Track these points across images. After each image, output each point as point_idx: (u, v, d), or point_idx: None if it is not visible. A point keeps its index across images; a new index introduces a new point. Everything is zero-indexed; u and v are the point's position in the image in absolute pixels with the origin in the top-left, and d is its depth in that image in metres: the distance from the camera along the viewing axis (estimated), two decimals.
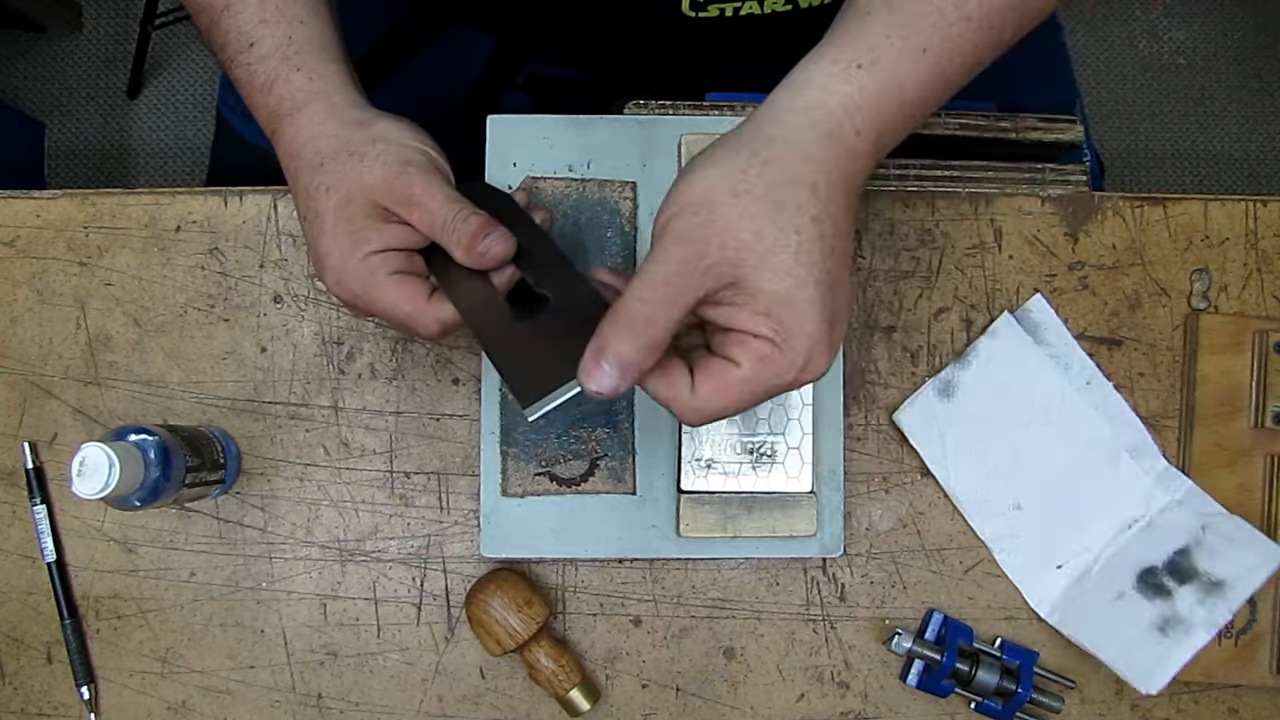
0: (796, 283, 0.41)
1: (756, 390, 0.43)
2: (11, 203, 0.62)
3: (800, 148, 0.42)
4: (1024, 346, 0.61)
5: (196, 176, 1.56)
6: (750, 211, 0.41)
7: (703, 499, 0.59)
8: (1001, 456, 0.61)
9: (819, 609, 0.62)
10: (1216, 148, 1.63)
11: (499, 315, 0.48)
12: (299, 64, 0.50)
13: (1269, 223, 0.63)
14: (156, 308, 0.61)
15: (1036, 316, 0.62)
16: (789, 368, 0.42)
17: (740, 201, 0.41)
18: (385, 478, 0.61)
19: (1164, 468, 0.61)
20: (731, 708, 0.61)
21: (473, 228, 0.49)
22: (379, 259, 0.48)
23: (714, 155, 0.43)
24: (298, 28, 0.50)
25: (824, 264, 0.41)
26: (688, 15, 0.61)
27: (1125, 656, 0.59)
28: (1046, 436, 0.61)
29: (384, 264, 0.48)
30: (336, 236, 0.48)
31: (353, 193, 0.48)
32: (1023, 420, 0.61)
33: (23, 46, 1.57)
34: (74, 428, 0.61)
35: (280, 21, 0.50)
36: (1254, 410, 0.61)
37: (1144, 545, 0.61)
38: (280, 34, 0.50)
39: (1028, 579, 0.61)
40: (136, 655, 0.61)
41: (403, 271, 0.49)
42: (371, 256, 0.48)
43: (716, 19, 0.61)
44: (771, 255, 0.41)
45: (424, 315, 0.49)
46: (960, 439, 0.61)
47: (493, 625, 0.57)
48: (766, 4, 0.60)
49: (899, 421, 0.61)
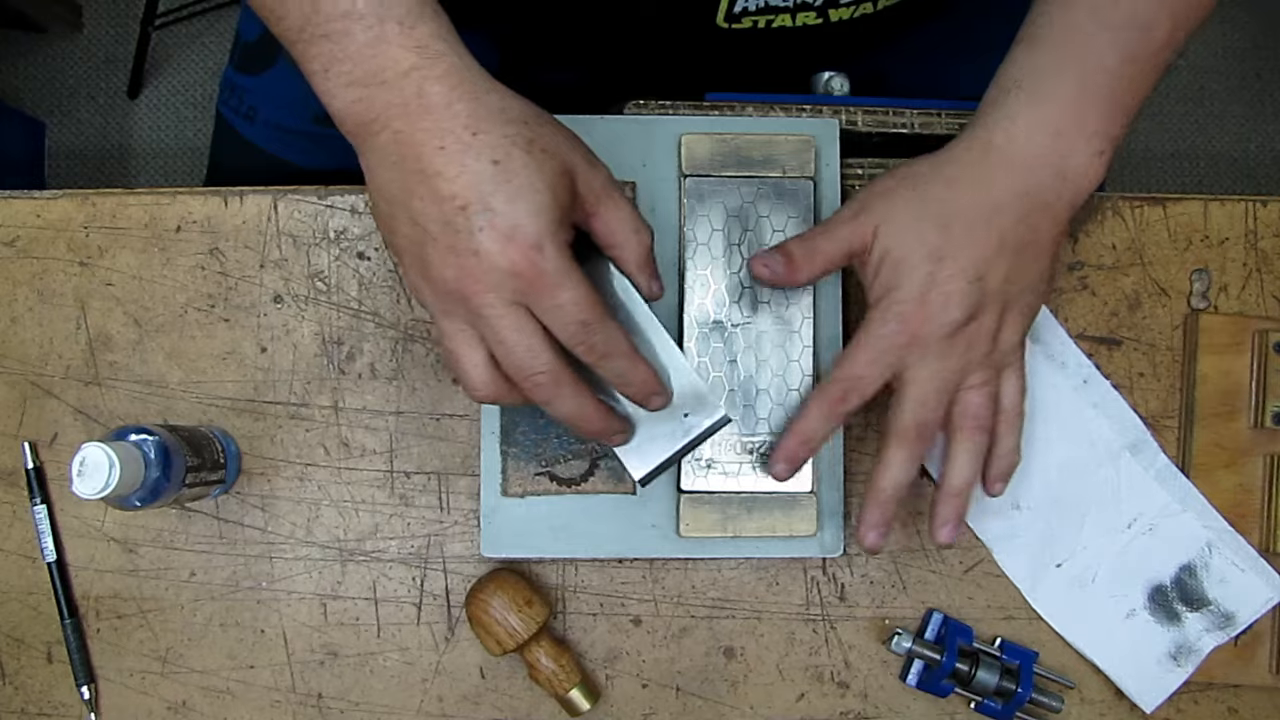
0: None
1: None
2: (11, 203, 0.62)
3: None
4: None
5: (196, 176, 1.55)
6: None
7: (703, 499, 0.59)
8: None
9: (819, 609, 0.62)
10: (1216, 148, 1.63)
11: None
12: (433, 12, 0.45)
13: (1269, 223, 0.63)
14: (157, 308, 0.61)
15: None
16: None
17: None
18: (385, 478, 0.61)
19: (1164, 464, 0.61)
20: (731, 707, 0.61)
21: (649, 244, 0.49)
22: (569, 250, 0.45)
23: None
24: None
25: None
26: (721, 27, 0.61)
27: (1134, 676, 0.60)
28: (1045, 435, 0.61)
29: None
30: (542, 202, 0.43)
31: (568, 166, 0.45)
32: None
33: (23, 46, 1.57)
34: (74, 428, 0.61)
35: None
36: (1254, 410, 0.61)
37: (1149, 554, 0.61)
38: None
39: (1028, 579, 0.61)
40: (136, 655, 0.61)
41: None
42: (567, 245, 0.45)
43: (749, 30, 0.61)
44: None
45: (606, 324, 0.46)
46: None
47: (493, 625, 0.57)
48: (799, 18, 0.60)
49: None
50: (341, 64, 0.44)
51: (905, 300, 0.51)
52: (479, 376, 0.47)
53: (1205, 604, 0.61)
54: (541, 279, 0.44)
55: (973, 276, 0.51)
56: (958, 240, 0.51)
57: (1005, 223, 0.51)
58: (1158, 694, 0.60)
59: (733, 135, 0.60)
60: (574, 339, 0.46)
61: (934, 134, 0.62)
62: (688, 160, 0.59)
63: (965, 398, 0.53)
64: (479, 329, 0.46)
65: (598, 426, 0.49)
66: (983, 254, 0.51)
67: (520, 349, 0.45)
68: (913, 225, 0.52)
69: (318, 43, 0.44)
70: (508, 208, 0.43)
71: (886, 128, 0.62)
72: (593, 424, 0.49)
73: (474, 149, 0.43)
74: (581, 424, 0.49)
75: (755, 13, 0.60)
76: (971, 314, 0.51)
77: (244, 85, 0.74)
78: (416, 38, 0.44)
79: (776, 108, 0.62)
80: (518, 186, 0.43)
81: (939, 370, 0.52)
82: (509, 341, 0.45)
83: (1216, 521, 0.61)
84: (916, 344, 0.51)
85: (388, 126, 0.44)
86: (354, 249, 0.62)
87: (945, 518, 0.55)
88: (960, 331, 0.51)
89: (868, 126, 0.62)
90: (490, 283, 0.44)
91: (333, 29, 0.44)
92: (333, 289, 0.62)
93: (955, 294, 0.51)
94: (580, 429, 0.49)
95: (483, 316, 0.45)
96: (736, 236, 0.59)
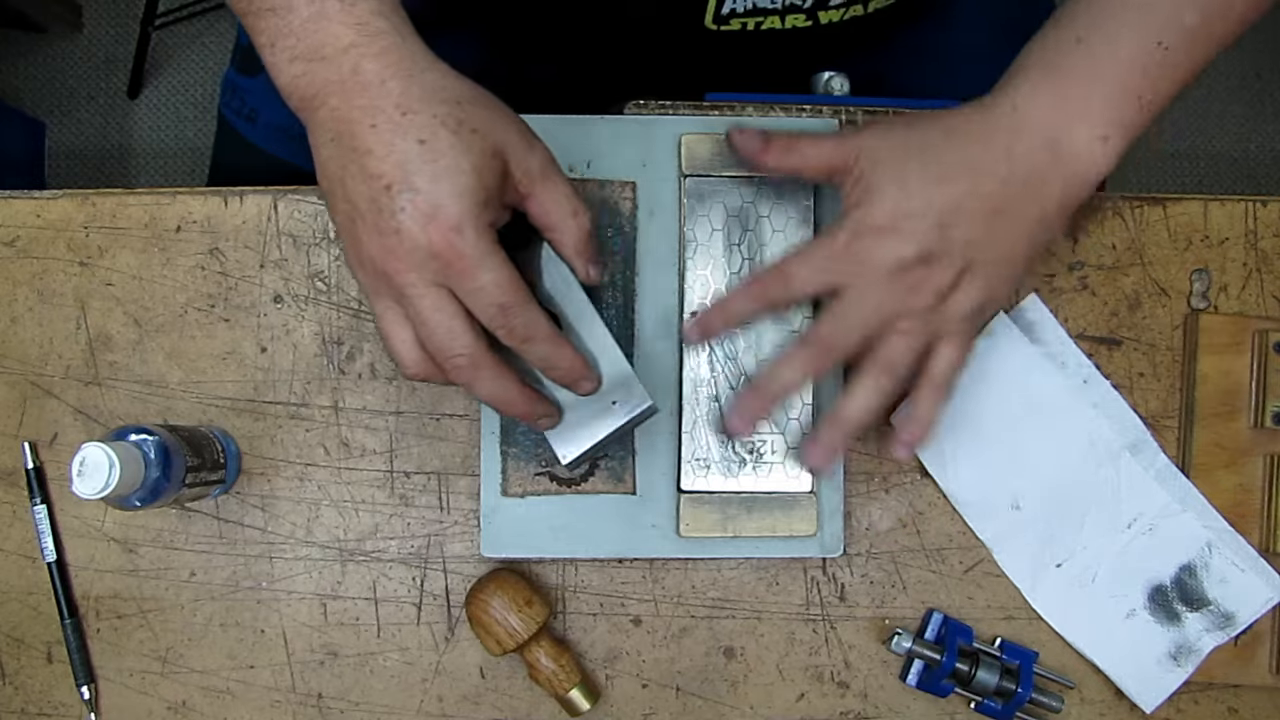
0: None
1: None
2: (11, 203, 0.62)
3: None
4: (1019, 345, 0.61)
5: (197, 176, 1.56)
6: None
7: (703, 499, 0.59)
8: (999, 456, 0.61)
9: (819, 609, 0.62)
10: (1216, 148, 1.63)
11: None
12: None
13: (1269, 223, 0.63)
14: (157, 308, 0.61)
15: (1031, 315, 0.62)
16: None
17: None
18: (385, 478, 0.61)
19: (1164, 464, 0.61)
20: (731, 707, 0.61)
21: (588, 228, 0.48)
22: (493, 233, 0.45)
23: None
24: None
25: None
26: (710, 29, 0.61)
27: (1134, 676, 0.60)
28: (1045, 435, 0.61)
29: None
30: (466, 183, 0.43)
31: (499, 147, 0.45)
32: (1020, 419, 0.61)
33: (23, 46, 1.57)
34: (74, 428, 0.61)
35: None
36: (1254, 410, 0.61)
37: (1149, 554, 0.61)
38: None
39: (1028, 579, 0.61)
40: (136, 655, 0.61)
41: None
42: (491, 228, 0.45)
43: (738, 33, 0.61)
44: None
45: (528, 308, 0.46)
46: (958, 439, 0.61)
47: (493, 625, 0.57)
48: (787, 20, 0.60)
49: (896, 423, 0.61)
50: (286, 38, 0.45)
51: (864, 220, 0.50)
52: (407, 354, 0.47)
53: (1205, 604, 0.61)
54: (460, 260, 0.44)
55: (936, 222, 0.49)
56: (934, 183, 0.49)
57: (988, 184, 0.50)
58: (1158, 694, 0.60)
59: None
60: (493, 322, 0.46)
61: None
62: (688, 160, 0.59)
63: (886, 338, 0.51)
64: (404, 308, 0.46)
65: (521, 409, 0.49)
66: (955, 204, 0.49)
67: (440, 330, 0.45)
68: (897, 158, 0.50)
69: (264, 16, 0.45)
70: (430, 187, 0.43)
71: None
72: (516, 407, 0.49)
73: (402, 128, 0.43)
74: (504, 407, 0.49)
75: (744, 14, 0.60)
76: (923, 258, 0.49)
77: (245, 87, 0.74)
78: (357, 14, 0.44)
79: (776, 108, 0.62)
80: (443, 167, 0.43)
81: (873, 301, 0.50)
82: (430, 322, 0.45)
83: (1216, 521, 0.61)
84: (860, 267, 0.50)
85: (325, 103, 0.45)
86: None
87: (820, 440, 0.53)
88: (907, 272, 0.49)
89: None
90: (411, 262, 0.44)
91: (278, 3, 0.44)
92: (333, 289, 0.62)
93: (914, 232, 0.49)
94: (504, 412, 0.49)
95: (405, 296, 0.45)
96: (736, 236, 0.59)
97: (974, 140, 0.51)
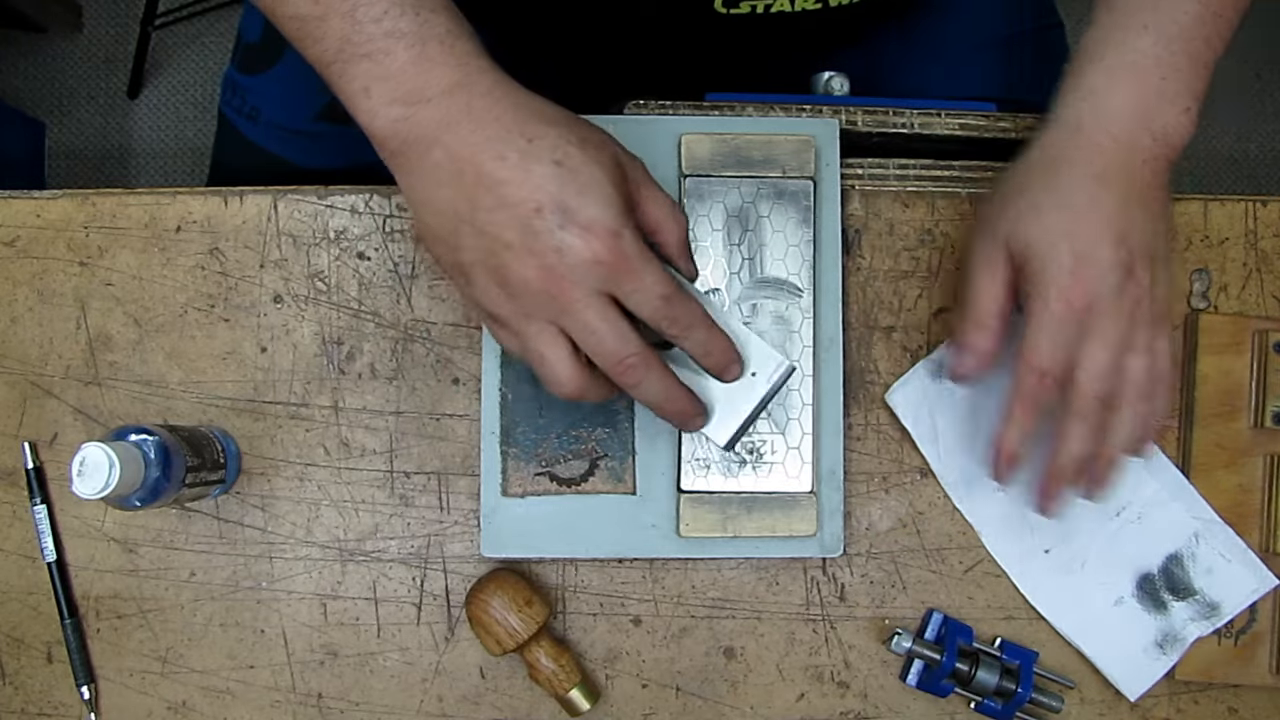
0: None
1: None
2: (11, 203, 0.62)
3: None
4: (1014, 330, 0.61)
5: (197, 176, 1.56)
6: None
7: (703, 499, 0.59)
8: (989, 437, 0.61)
9: (819, 609, 0.62)
10: (1216, 148, 1.63)
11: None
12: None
13: (1269, 223, 0.63)
14: (156, 308, 0.61)
15: None
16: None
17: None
18: (385, 478, 0.61)
19: (1155, 453, 0.61)
20: (731, 707, 0.61)
21: (686, 229, 0.50)
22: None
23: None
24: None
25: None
26: (719, 12, 0.61)
27: (1120, 663, 0.60)
28: None
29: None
30: (608, 193, 0.45)
31: (615, 158, 0.47)
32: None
33: (23, 46, 1.57)
34: (74, 428, 0.61)
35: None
36: (1254, 410, 0.61)
37: (1137, 542, 0.61)
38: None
39: (1016, 564, 0.61)
40: (136, 655, 0.61)
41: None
42: (638, 229, 0.46)
43: (747, 15, 0.61)
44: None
45: (685, 298, 0.47)
46: (950, 420, 0.61)
47: (493, 625, 0.57)
48: (797, 3, 0.60)
49: (890, 401, 0.61)
50: (384, 83, 0.45)
51: (1059, 278, 0.51)
52: (566, 371, 0.47)
53: (1191, 593, 0.61)
54: (625, 263, 0.45)
55: (1113, 239, 0.51)
56: (1083, 213, 0.51)
57: (1118, 185, 0.52)
58: (1143, 682, 0.60)
59: (733, 135, 0.60)
60: (658, 314, 0.47)
61: (934, 134, 0.62)
62: (688, 160, 0.59)
63: (1128, 363, 0.52)
64: (563, 324, 0.46)
65: (682, 407, 0.50)
66: (1113, 216, 0.51)
67: (611, 336, 0.46)
68: (1036, 219, 0.52)
69: (357, 62, 0.45)
70: (579, 201, 0.44)
71: (886, 127, 0.62)
72: (678, 404, 0.49)
73: (533, 154, 0.44)
74: (668, 405, 0.49)
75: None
76: (1127, 271, 0.51)
77: (246, 85, 0.74)
78: (458, 54, 0.45)
79: (776, 108, 0.62)
80: (584, 181, 0.44)
81: (1114, 336, 0.51)
82: (600, 330, 0.46)
83: (1205, 512, 0.61)
84: (1089, 314, 0.51)
85: (438, 142, 0.45)
86: (354, 249, 0.62)
87: (1101, 478, 0.54)
88: (1124, 291, 0.51)
89: (867, 126, 0.62)
90: (576, 277, 0.45)
91: (374, 49, 0.45)
92: (333, 289, 0.62)
93: (1104, 260, 0.51)
94: (665, 411, 0.50)
95: (570, 311, 0.46)
96: (736, 236, 0.59)
97: (1082, 164, 0.52)
